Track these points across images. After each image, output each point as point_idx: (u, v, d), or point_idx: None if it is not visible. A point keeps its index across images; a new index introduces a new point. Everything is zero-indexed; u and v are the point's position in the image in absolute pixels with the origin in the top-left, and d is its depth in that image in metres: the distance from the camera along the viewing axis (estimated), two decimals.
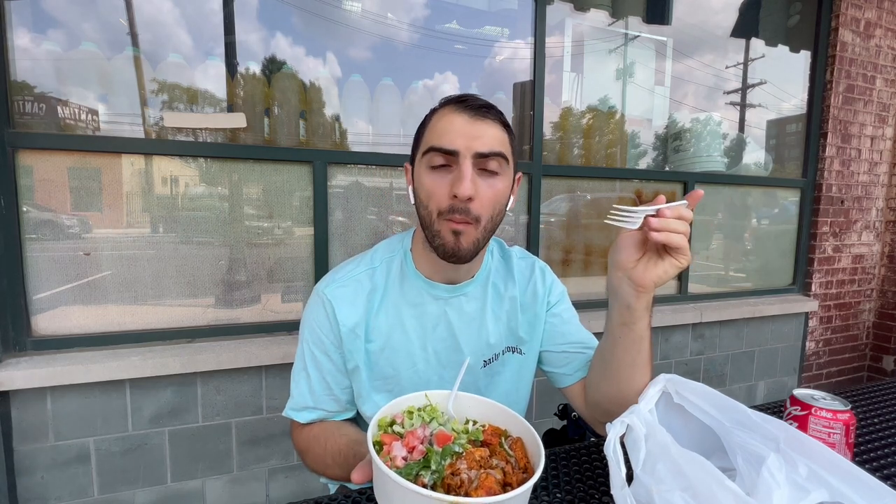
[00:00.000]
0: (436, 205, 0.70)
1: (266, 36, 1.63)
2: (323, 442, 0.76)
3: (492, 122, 0.69)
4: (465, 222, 0.68)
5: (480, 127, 0.68)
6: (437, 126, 0.70)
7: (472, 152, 0.67)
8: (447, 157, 0.68)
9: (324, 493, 0.82)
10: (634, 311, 0.63)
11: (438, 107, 0.73)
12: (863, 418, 0.87)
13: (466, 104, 0.69)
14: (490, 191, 0.70)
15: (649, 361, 0.67)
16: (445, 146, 0.67)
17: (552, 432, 1.16)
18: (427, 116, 0.75)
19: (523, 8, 1.96)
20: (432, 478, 0.50)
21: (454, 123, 0.68)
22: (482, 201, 0.69)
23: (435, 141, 0.69)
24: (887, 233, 2.83)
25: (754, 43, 2.54)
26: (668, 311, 2.19)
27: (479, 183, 0.69)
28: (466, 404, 0.64)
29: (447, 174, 0.69)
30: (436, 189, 0.69)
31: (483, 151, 0.67)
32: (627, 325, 0.64)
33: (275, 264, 1.68)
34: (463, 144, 0.67)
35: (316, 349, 0.79)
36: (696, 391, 0.59)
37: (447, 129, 0.68)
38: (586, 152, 2.20)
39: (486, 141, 0.68)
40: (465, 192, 0.66)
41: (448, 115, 0.69)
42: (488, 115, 0.69)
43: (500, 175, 0.71)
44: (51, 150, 1.40)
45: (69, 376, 1.34)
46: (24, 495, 1.37)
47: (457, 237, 0.69)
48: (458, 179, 0.67)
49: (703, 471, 0.45)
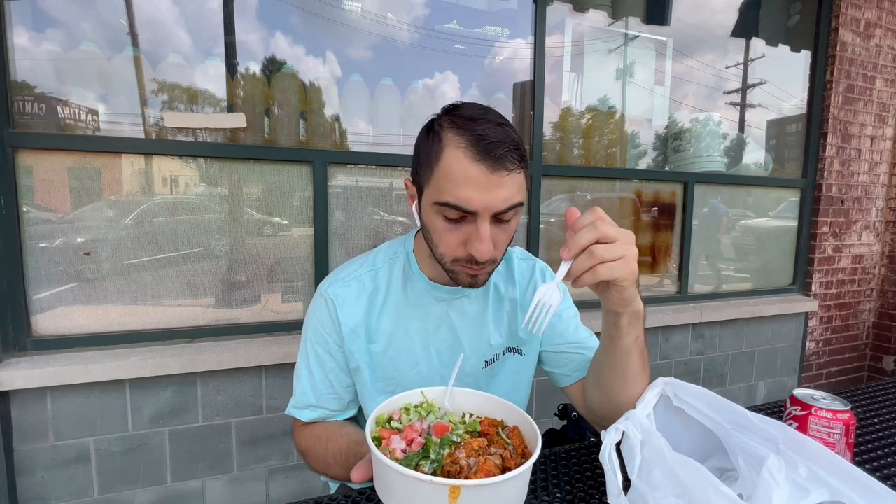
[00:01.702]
0: (450, 252, 0.68)
1: (266, 36, 1.63)
2: (324, 441, 0.76)
3: (512, 172, 0.62)
4: (483, 266, 0.68)
5: (501, 179, 0.62)
6: (451, 171, 0.62)
7: (491, 212, 0.63)
8: (463, 212, 0.64)
9: (324, 492, 0.82)
10: (619, 328, 0.63)
11: (449, 131, 0.64)
12: (863, 418, 0.87)
13: (487, 152, 0.61)
14: (505, 234, 0.68)
15: (641, 373, 0.66)
16: (463, 206, 0.62)
17: (552, 432, 1.16)
18: (436, 139, 0.65)
19: (523, 8, 1.96)
20: (432, 466, 0.51)
21: (470, 175, 0.61)
22: (498, 247, 0.68)
23: (449, 195, 0.62)
24: (887, 233, 2.83)
25: (754, 43, 2.54)
26: (668, 311, 2.19)
27: (495, 232, 0.66)
28: (462, 399, 0.65)
29: (462, 225, 0.66)
30: (451, 240, 0.67)
31: (501, 209, 0.63)
32: (614, 338, 0.64)
33: (275, 264, 1.68)
34: (482, 204, 0.62)
35: (319, 348, 0.80)
36: (694, 394, 0.59)
37: (463, 182, 0.61)
38: (586, 152, 2.20)
39: (506, 195, 0.63)
40: (485, 255, 0.64)
41: (464, 163, 0.61)
42: (509, 164, 0.62)
43: (515, 216, 0.68)
44: (51, 150, 1.40)
45: (69, 376, 1.34)
46: (24, 495, 1.37)
47: (474, 277, 0.70)
48: (477, 240, 0.64)
49: (698, 475, 0.45)
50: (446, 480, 0.44)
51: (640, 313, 0.63)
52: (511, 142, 0.63)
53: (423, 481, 0.44)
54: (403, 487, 0.47)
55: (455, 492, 0.44)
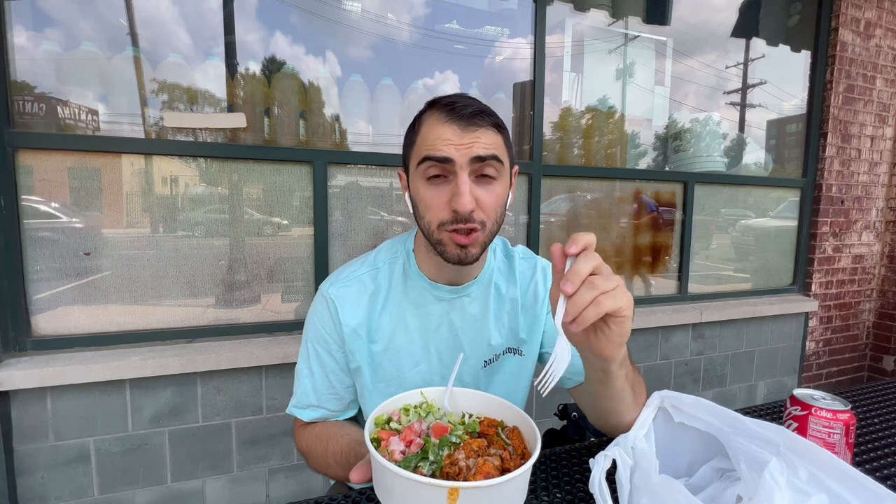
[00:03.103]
0: (436, 217, 0.69)
1: (266, 36, 1.63)
2: (325, 441, 0.76)
3: (485, 128, 0.67)
4: (470, 231, 0.68)
5: (473, 134, 0.66)
6: (428, 135, 0.68)
7: (466, 160, 0.66)
8: (442, 166, 0.67)
9: (324, 492, 0.82)
10: (610, 373, 0.59)
11: (426, 110, 0.71)
12: (863, 418, 0.87)
13: (456, 111, 0.67)
14: (490, 196, 0.69)
15: (634, 402, 0.65)
16: (439, 155, 0.66)
17: (552, 432, 1.16)
18: (416, 121, 0.72)
19: (523, 8, 1.96)
20: (431, 468, 0.51)
21: (445, 133, 0.66)
22: (484, 208, 0.68)
23: (428, 151, 0.67)
24: (887, 233, 2.83)
25: (754, 43, 2.54)
26: (668, 311, 2.19)
27: (478, 191, 0.68)
28: (462, 399, 0.64)
29: (444, 185, 0.68)
30: (434, 201, 0.69)
31: (479, 155, 0.66)
32: (604, 383, 0.62)
33: (275, 264, 1.68)
34: (457, 153, 0.66)
35: (320, 348, 0.80)
36: (691, 404, 0.59)
37: (439, 138, 0.67)
38: (586, 152, 2.20)
39: (481, 146, 0.67)
40: (465, 207, 0.66)
41: (438, 126, 0.67)
42: (480, 121, 0.67)
43: (498, 179, 0.70)
44: (51, 150, 1.40)
45: (69, 376, 1.34)
46: (24, 495, 1.37)
47: (463, 247, 0.69)
48: (457, 193, 0.66)
49: (683, 498, 0.45)
50: (445, 482, 0.44)
51: (628, 353, 0.60)
52: (485, 108, 0.69)
53: (421, 483, 0.44)
54: (402, 489, 0.46)
55: (454, 494, 0.44)
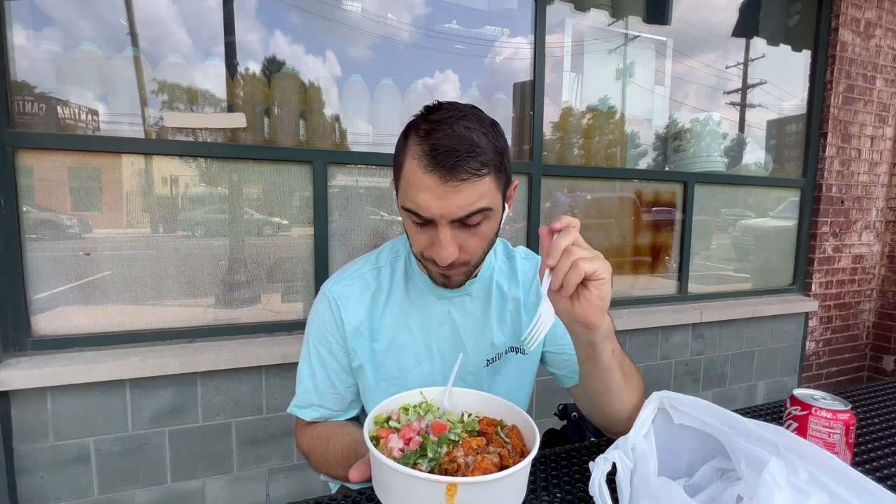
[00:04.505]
0: (419, 250, 0.69)
1: (266, 36, 1.63)
2: (326, 441, 0.76)
3: (468, 180, 0.60)
4: (451, 268, 0.68)
5: (455, 189, 0.60)
6: (410, 180, 0.62)
7: (447, 220, 0.62)
8: (425, 218, 0.64)
9: (324, 492, 0.82)
10: (595, 345, 0.61)
11: (410, 138, 0.64)
12: (863, 418, 0.87)
13: (437, 160, 0.59)
14: (475, 238, 0.67)
15: (625, 386, 0.66)
16: (421, 213, 0.62)
17: (552, 432, 1.15)
18: (401, 145, 0.66)
19: (523, 8, 1.96)
20: (429, 465, 0.51)
21: (426, 184, 0.61)
22: (468, 250, 0.67)
23: (410, 201, 0.63)
24: (887, 233, 2.83)
25: (754, 43, 2.54)
26: (668, 311, 2.19)
27: (462, 236, 0.65)
28: (461, 398, 0.65)
29: (427, 228, 0.66)
30: (417, 238, 0.68)
31: (460, 216, 0.62)
32: (591, 359, 0.63)
33: (275, 264, 1.68)
34: (438, 212, 0.62)
35: (321, 347, 0.80)
36: (691, 405, 0.59)
37: (420, 190, 0.61)
38: (586, 152, 2.20)
39: (463, 203, 0.61)
40: (444, 261, 0.64)
41: (420, 173, 0.61)
42: (463, 173, 0.60)
43: (485, 220, 0.66)
44: (51, 150, 1.40)
45: (69, 376, 1.34)
46: (24, 495, 1.37)
47: (446, 277, 0.70)
48: (438, 245, 0.64)
49: (679, 501, 0.45)
50: (443, 478, 0.44)
51: (612, 326, 0.63)
52: (469, 149, 0.60)
53: (419, 479, 0.44)
54: (400, 485, 0.46)
55: (452, 489, 0.43)
